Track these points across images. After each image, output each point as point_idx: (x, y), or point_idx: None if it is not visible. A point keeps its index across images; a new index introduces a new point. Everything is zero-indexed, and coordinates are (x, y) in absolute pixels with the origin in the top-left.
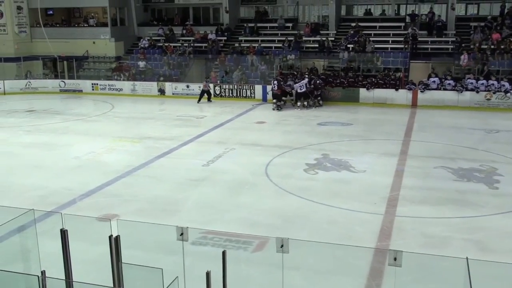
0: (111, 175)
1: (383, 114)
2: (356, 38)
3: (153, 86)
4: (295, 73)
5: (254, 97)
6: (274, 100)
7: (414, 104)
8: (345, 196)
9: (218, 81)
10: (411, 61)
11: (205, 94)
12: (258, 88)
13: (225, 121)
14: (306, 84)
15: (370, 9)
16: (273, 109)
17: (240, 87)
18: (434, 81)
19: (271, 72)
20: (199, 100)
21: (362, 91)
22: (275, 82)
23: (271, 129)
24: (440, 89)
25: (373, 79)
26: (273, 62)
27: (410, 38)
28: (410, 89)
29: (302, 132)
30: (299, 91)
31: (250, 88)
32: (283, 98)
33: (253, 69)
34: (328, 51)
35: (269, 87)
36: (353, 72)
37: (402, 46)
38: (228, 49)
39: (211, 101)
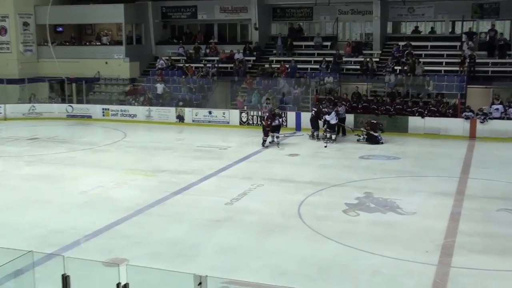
0: (121, 213)
1: (436, 146)
2: (404, 59)
3: (170, 112)
4: (333, 98)
5: (286, 125)
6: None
7: (472, 135)
8: (391, 242)
9: (245, 107)
10: (468, 86)
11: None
12: (291, 115)
13: (252, 153)
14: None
15: (418, 27)
16: (324, 142)
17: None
18: (497, 109)
19: (306, 97)
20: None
21: (412, 120)
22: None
23: (305, 163)
24: (503, 119)
25: (425, 106)
26: (308, 86)
27: (467, 59)
28: (467, 118)
29: (341, 166)
30: (332, 122)
31: (282, 115)
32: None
33: (285, 94)
34: (372, 74)
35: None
36: (400, 98)
37: (458, 68)
38: (257, 70)
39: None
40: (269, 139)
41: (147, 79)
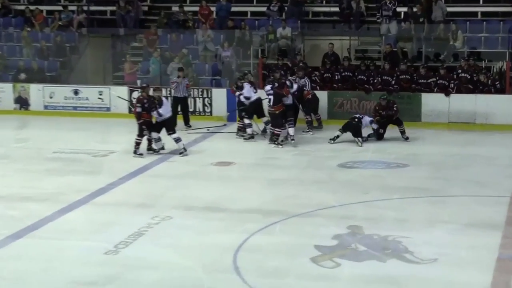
0: None
1: (469, 144)
2: None
3: (5, 91)
4: (290, 64)
5: (211, 112)
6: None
7: None
8: None
9: (139, 81)
10: None
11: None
12: (219, 95)
13: (152, 162)
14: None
15: None
16: (274, 142)
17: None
18: None
19: (245, 63)
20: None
21: (428, 100)
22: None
23: (246, 177)
24: None
25: (451, 75)
26: (249, 43)
27: None
28: None
29: (307, 181)
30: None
31: (202, 94)
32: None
33: (208, 58)
34: (358, 21)
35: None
36: (407, 62)
37: (509, 9)
38: (158, 17)
39: (188, 125)
40: (255, 127)
41: None
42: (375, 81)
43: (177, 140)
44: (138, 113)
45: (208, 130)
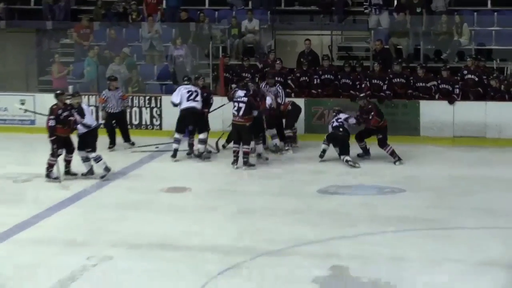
0: None
1: (479, 164)
2: None
3: None
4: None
5: (161, 126)
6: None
7: None
8: None
9: (70, 87)
10: None
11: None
12: (171, 104)
13: (87, 188)
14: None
15: None
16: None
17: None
18: None
19: (202, 64)
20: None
21: (427, 109)
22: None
23: (205, 207)
24: None
25: (455, 78)
26: (207, 39)
27: None
28: None
29: (280, 212)
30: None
31: (150, 104)
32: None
33: (156, 58)
34: (341, 12)
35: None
36: (402, 62)
37: None
38: (94, 7)
39: (131, 143)
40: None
41: None
42: (363, 85)
43: (97, 159)
44: (51, 127)
45: (157, 148)
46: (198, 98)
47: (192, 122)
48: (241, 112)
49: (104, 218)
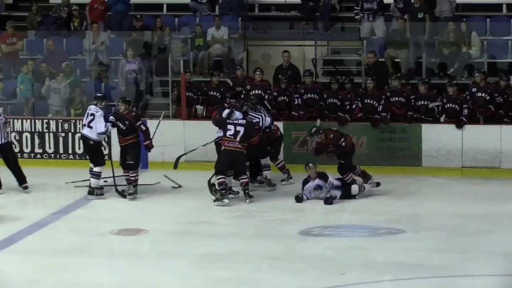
0: None
1: (492, 199)
2: None
3: None
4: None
5: (110, 155)
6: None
7: None
8: None
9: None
10: None
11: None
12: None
13: (20, 231)
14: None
15: None
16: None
17: (62, 126)
18: None
19: (160, 81)
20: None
21: (430, 134)
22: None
23: (163, 253)
24: None
25: (463, 97)
26: (166, 51)
27: None
28: None
29: (255, 257)
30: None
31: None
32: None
33: (103, 74)
34: (327, 17)
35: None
36: (401, 78)
37: None
38: (28, 13)
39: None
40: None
41: None
42: (353, 106)
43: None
44: None
45: (105, 182)
46: (93, 123)
47: (86, 152)
48: (238, 137)
49: (41, 266)
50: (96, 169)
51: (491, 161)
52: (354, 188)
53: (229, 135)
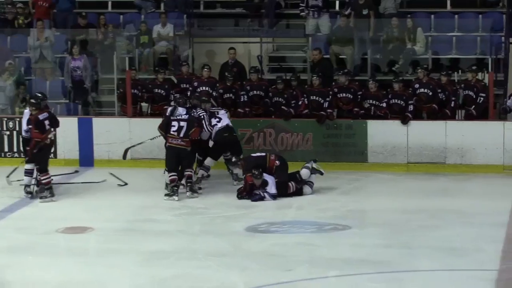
0: None
1: (438, 194)
2: None
3: None
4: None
5: (56, 154)
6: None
7: None
8: None
9: None
10: None
11: None
12: (68, 128)
13: None
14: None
15: None
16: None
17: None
18: None
19: (105, 78)
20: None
21: (376, 130)
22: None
23: (110, 250)
24: None
25: (409, 93)
26: (111, 48)
27: None
28: (506, 111)
29: (201, 254)
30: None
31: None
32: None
33: (48, 72)
34: (272, 17)
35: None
36: (347, 73)
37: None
38: None
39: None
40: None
41: None
42: (299, 103)
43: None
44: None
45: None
46: (24, 125)
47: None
48: (182, 133)
49: None
50: (26, 166)
51: (436, 157)
52: (306, 190)
53: (173, 131)
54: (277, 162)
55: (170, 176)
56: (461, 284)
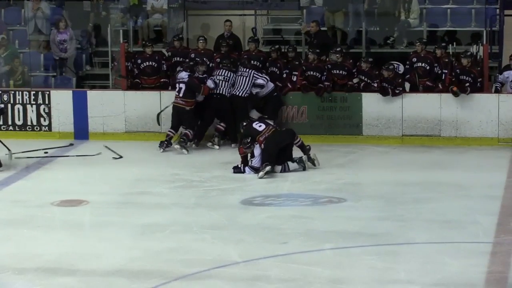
0: None
1: (432, 167)
2: None
3: None
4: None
5: (50, 127)
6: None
7: None
8: None
9: None
10: (507, 12)
11: None
12: (62, 101)
13: None
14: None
15: None
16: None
17: (1, 97)
18: None
19: (100, 51)
20: None
21: (371, 101)
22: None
23: (104, 223)
24: None
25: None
26: (104, 21)
27: None
28: (498, 91)
29: (196, 227)
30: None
31: (36, 100)
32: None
33: (43, 45)
34: None
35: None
36: (341, 51)
37: None
38: None
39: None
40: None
41: None
42: (291, 75)
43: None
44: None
45: (46, 153)
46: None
47: None
48: (181, 93)
49: None
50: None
51: (431, 129)
52: (277, 168)
53: (176, 92)
54: (262, 145)
55: (168, 131)
56: (456, 256)
